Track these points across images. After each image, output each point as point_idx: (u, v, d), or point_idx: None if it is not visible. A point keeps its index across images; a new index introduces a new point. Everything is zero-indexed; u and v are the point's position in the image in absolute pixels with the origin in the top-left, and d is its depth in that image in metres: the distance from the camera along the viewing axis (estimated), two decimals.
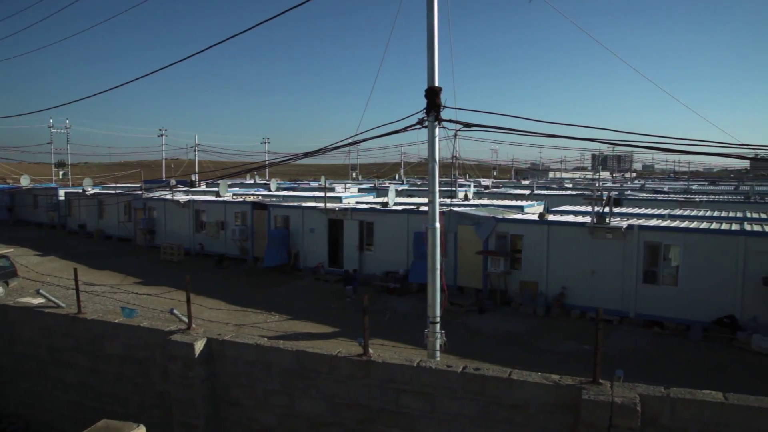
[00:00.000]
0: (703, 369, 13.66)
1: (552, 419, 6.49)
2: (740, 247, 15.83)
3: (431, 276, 10.16)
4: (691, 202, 31.14)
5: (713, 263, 16.12)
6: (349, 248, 23.37)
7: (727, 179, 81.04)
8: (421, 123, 10.13)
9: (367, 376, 7.47)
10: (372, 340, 7.96)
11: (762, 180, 75.76)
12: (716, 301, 15.95)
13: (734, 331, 15.37)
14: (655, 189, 47.98)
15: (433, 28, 9.88)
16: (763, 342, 14.62)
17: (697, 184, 61.75)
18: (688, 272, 16.51)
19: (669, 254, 17.09)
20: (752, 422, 5.71)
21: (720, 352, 14.79)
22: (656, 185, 58.02)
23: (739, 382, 12.42)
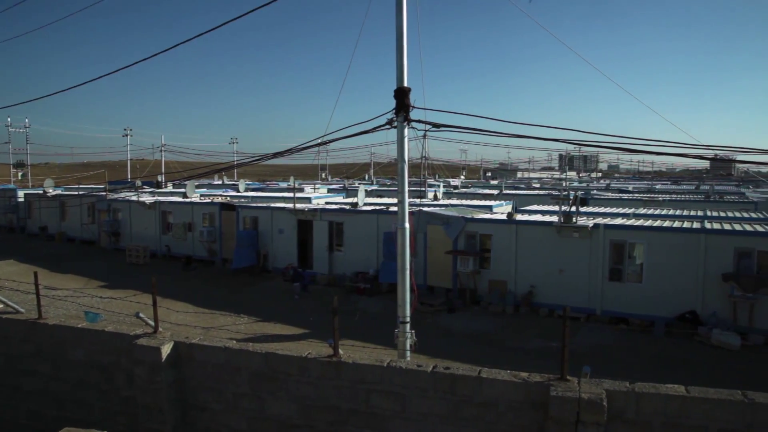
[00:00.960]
0: (666, 363, 13.99)
1: (521, 416, 6.55)
2: (701, 245, 16.27)
3: (401, 276, 10.17)
4: (655, 201, 31.87)
5: (675, 261, 16.54)
6: (318, 249, 23.26)
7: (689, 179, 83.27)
8: (391, 123, 10.13)
9: (338, 377, 7.43)
10: (342, 341, 7.93)
11: (721, 180, 78.11)
12: (679, 298, 16.36)
13: (696, 327, 15.80)
14: (620, 188, 48.98)
15: (402, 28, 9.90)
16: (723, 336, 15.06)
17: (660, 183, 63.31)
18: (652, 270, 16.90)
19: (633, 252, 17.47)
20: (712, 413, 5.87)
21: (682, 346, 15.18)
22: (621, 185, 59.22)
23: (700, 375, 12.78)
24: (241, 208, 25.91)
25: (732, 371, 13.45)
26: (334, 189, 45.70)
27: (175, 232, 28.36)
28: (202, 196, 32.95)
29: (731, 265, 15.85)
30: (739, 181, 69.22)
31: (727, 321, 15.71)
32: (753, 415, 5.77)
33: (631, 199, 34.28)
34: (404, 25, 9.91)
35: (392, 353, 10.67)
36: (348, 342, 13.11)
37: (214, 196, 34.02)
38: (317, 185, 49.22)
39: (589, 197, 33.43)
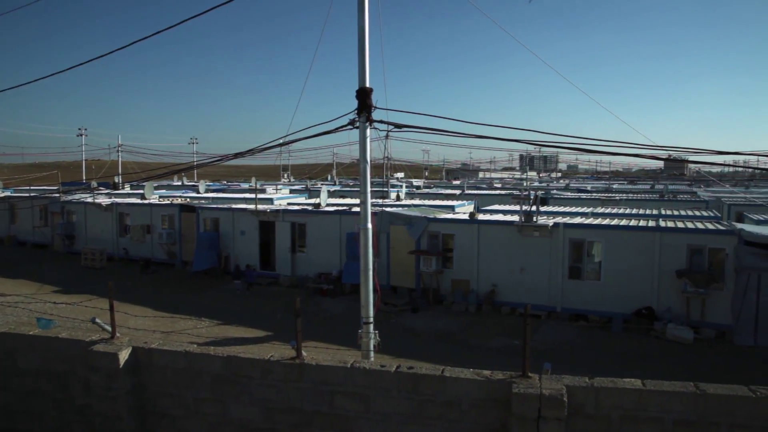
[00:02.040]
0: (624, 358, 14.35)
1: (484, 414, 6.61)
2: (656, 243, 16.75)
3: (364, 276, 10.15)
4: (612, 200, 32.64)
5: (632, 258, 16.98)
6: (281, 250, 23.05)
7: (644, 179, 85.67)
8: (353, 124, 10.10)
9: (301, 380, 7.37)
10: (305, 343, 7.86)
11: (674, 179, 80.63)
12: (635, 294, 16.81)
13: (652, 322, 16.26)
14: (579, 188, 50.00)
15: (364, 28, 9.88)
16: (677, 331, 15.54)
17: (617, 183, 64.87)
18: (610, 267, 17.32)
19: (592, 250, 17.87)
20: (667, 405, 6.05)
21: (639, 341, 15.60)
22: (580, 185, 60.49)
23: (656, 368, 13.14)
24: (202, 209, 25.48)
25: (686, 364, 13.88)
26: (296, 190, 45.35)
27: (133, 235, 27.69)
28: (161, 198, 32.26)
29: (684, 262, 16.37)
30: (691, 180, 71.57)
31: (681, 316, 16.22)
32: (704, 405, 5.97)
33: (589, 198, 35.02)
34: (366, 25, 9.89)
35: (356, 354, 10.64)
36: (311, 343, 13.01)
37: (174, 197, 33.36)
38: (279, 186, 48.74)
39: (549, 197, 34.17)
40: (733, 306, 15.70)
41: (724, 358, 14.45)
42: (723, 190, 43.10)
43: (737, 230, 16.41)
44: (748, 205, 27.96)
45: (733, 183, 65.19)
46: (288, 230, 22.87)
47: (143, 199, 29.95)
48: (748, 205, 27.98)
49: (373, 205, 11.62)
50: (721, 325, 15.91)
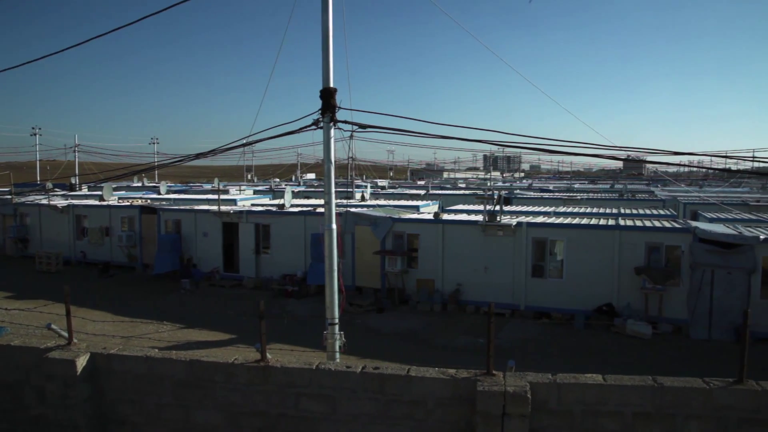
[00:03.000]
0: (586, 354, 14.64)
1: (450, 412, 6.65)
2: (615, 241, 17.14)
3: (329, 277, 10.11)
4: (574, 199, 33.29)
5: (593, 256, 17.34)
6: (244, 252, 22.76)
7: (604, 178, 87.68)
8: (317, 124, 10.04)
9: (266, 382, 7.28)
10: (270, 345, 7.78)
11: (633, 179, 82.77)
12: (596, 291, 17.16)
13: (612, 318, 16.63)
14: (542, 188, 50.90)
15: (328, 28, 9.84)
16: (636, 326, 15.94)
17: (578, 183, 66.25)
18: (572, 265, 17.64)
19: (554, 249, 18.19)
20: (627, 399, 6.20)
21: (600, 337, 15.94)
22: (542, 184, 61.55)
23: (616, 363, 13.45)
24: (163, 210, 24.97)
25: (644, 358, 14.25)
26: (260, 190, 44.89)
27: (91, 237, 26.92)
28: (121, 199, 31.50)
29: (643, 259, 16.81)
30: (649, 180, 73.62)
31: (640, 312, 16.64)
32: (662, 398, 6.14)
33: (551, 198, 35.67)
34: (330, 25, 9.85)
35: (321, 355, 10.58)
36: (276, 346, 12.85)
37: (134, 198, 32.62)
38: (243, 187, 48.17)
39: (513, 197, 34.64)
40: (688, 301, 16.19)
41: (681, 352, 14.88)
42: (679, 189, 44.47)
43: (692, 228, 16.93)
44: (702, 203, 28.89)
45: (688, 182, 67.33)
46: (252, 231, 22.60)
47: (102, 201, 29.19)
48: (702, 203, 28.91)
49: (337, 205, 11.60)
50: (678, 320, 16.39)
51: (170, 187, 46.89)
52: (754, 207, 27.68)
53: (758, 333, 15.06)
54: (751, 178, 60.70)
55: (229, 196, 32.73)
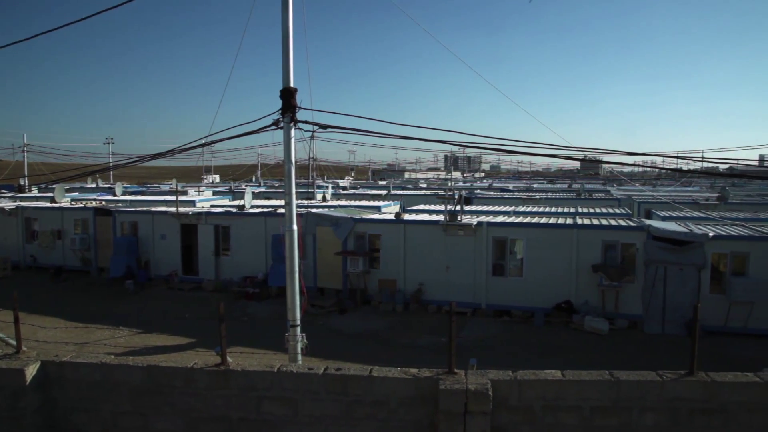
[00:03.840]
0: (546, 351, 14.91)
1: (412, 411, 6.67)
2: (573, 239, 17.52)
3: (290, 279, 10.02)
4: (533, 199, 33.85)
5: (552, 254, 17.68)
6: (204, 254, 22.36)
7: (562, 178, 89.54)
8: (277, 124, 9.94)
9: (226, 386, 7.17)
10: (231, 348, 7.67)
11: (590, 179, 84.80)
12: (555, 289, 17.50)
13: (570, 315, 16.99)
14: (502, 188, 51.56)
15: (288, 27, 9.74)
16: (594, 322, 16.32)
17: (537, 183, 67.43)
18: (531, 264, 17.94)
19: (514, 248, 18.46)
20: (585, 393, 6.34)
21: (559, 334, 16.27)
22: (502, 184, 62.38)
23: (575, 359, 13.74)
24: (119, 212, 24.32)
25: (602, 353, 14.60)
26: (220, 191, 44.18)
27: (41, 241, 25.99)
28: (74, 201, 30.54)
29: (600, 257, 17.22)
30: (605, 180, 75.47)
31: (597, 308, 17.05)
32: (618, 392, 6.31)
33: (511, 197, 36.16)
34: (290, 24, 9.76)
35: (283, 358, 10.47)
36: (237, 349, 12.73)
37: (88, 200, 31.67)
38: (202, 188, 47.35)
39: (473, 196, 35.02)
40: (643, 297, 16.68)
41: (636, 347, 15.30)
42: (633, 188, 45.71)
43: (646, 227, 17.44)
44: (656, 202, 29.81)
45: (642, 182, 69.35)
46: (211, 233, 22.23)
47: (53, 203, 28.23)
48: (655, 202, 29.83)
49: (298, 206, 11.51)
50: (633, 316, 16.85)
51: (126, 189, 45.69)
52: (704, 205, 28.72)
53: (708, 327, 15.65)
54: (701, 178, 62.94)
55: (187, 198, 32.10)
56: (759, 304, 15.78)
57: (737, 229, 17.94)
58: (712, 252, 16.38)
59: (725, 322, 16.06)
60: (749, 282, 15.75)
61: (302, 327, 10.21)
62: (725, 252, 16.42)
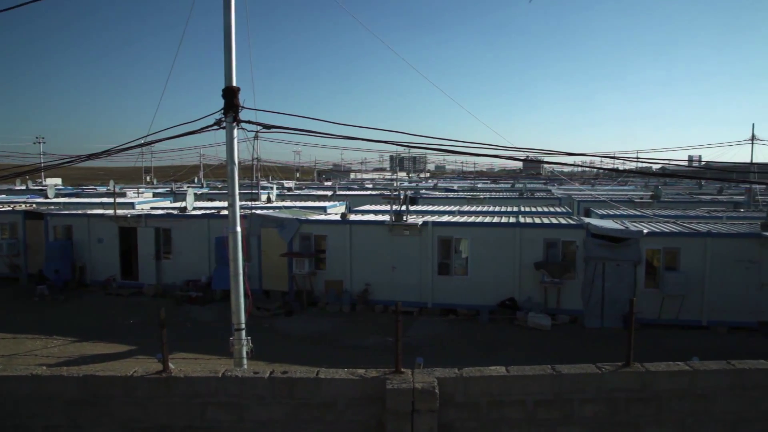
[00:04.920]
0: (491, 347, 15.19)
1: (360, 412, 6.65)
2: (516, 238, 17.93)
3: (234, 281, 9.81)
4: (477, 199, 34.45)
5: (496, 253, 18.03)
6: (144, 258, 21.66)
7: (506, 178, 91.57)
8: (219, 124, 9.72)
9: (169, 394, 6.94)
10: (174, 355, 7.45)
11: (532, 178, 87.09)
12: (500, 287, 17.86)
13: (514, 312, 17.38)
14: (447, 188, 52.27)
15: (230, 25, 9.54)
16: (536, 318, 16.74)
17: (481, 182, 68.69)
18: (476, 262, 18.25)
19: (459, 247, 18.73)
20: (528, 388, 6.48)
21: (504, 331, 16.61)
22: (447, 184, 63.24)
23: (519, 355, 14.06)
24: (51, 216, 23.24)
25: (545, 348, 14.99)
26: (160, 193, 42.93)
27: None
28: (1, 204, 28.99)
29: (542, 254, 17.68)
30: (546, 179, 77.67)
31: (540, 304, 17.51)
32: (560, 385, 6.48)
33: (456, 197, 36.71)
34: (232, 21, 9.56)
35: (228, 362, 10.27)
36: (180, 355, 12.41)
37: (17, 203, 30.12)
38: (141, 189, 45.86)
39: (419, 196, 35.34)
40: (583, 293, 17.24)
41: (577, 341, 15.80)
42: (573, 188, 47.22)
43: (585, 224, 18.05)
44: (594, 201, 30.88)
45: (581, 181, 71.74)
46: (152, 236, 21.56)
47: None
48: (594, 201, 30.90)
49: (243, 207, 11.31)
50: (574, 311, 17.39)
51: (59, 191, 43.77)
52: (639, 204, 29.99)
53: (643, 319, 16.33)
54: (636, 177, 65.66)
55: (126, 200, 31.05)
56: (689, 297, 16.60)
57: (669, 225, 18.81)
58: (647, 248, 17.10)
59: (659, 314, 16.80)
60: (680, 276, 16.52)
61: (247, 330, 10.03)
62: (658, 248, 17.17)
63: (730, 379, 6.57)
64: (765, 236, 16.50)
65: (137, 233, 21.79)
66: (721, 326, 16.48)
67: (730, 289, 16.48)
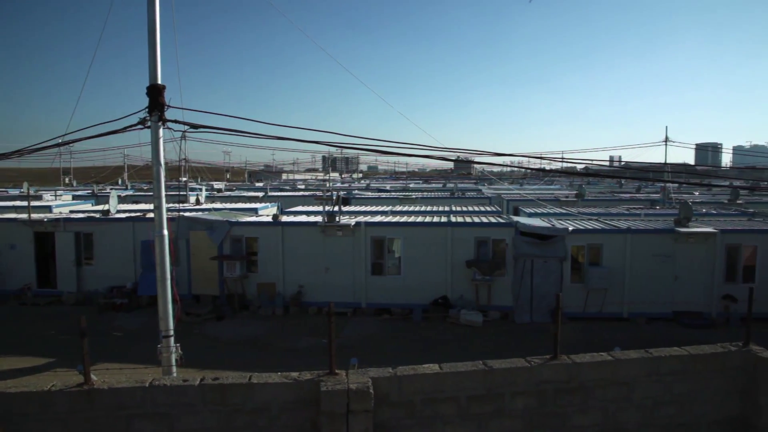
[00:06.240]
0: (425, 346, 15.36)
1: (295, 416, 6.56)
2: (448, 237, 18.23)
3: (161, 287, 9.47)
4: (409, 199, 34.79)
5: (428, 252, 18.27)
6: (63, 264, 20.53)
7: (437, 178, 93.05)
8: (144, 123, 9.36)
9: (91, 408, 6.59)
10: (97, 366, 7.11)
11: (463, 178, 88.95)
12: (433, 285, 18.11)
13: (447, 309, 17.67)
14: (379, 188, 52.50)
15: (155, 20, 9.20)
16: (468, 316, 17.09)
17: (413, 182, 69.46)
18: (409, 262, 18.42)
19: (392, 247, 18.85)
20: (461, 384, 6.60)
21: (437, 328, 16.84)
22: (380, 185, 63.56)
23: (452, 352, 14.29)
24: None
25: (477, 345, 15.31)
26: (81, 195, 40.88)
27: None
28: None
29: (473, 253, 18.06)
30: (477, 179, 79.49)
31: (472, 302, 17.88)
32: (492, 380, 6.63)
33: (389, 197, 36.93)
34: (157, 16, 9.22)
35: (157, 371, 9.89)
36: (104, 365, 11.87)
37: None
38: (59, 192, 43.51)
39: (351, 197, 35.31)
40: (512, 289, 17.74)
41: (508, 336, 16.24)
42: (502, 187, 48.53)
43: (514, 223, 18.59)
44: (522, 200, 31.85)
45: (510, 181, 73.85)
46: (71, 241, 20.47)
47: None
48: (522, 200, 31.86)
49: (170, 210, 10.92)
50: (505, 307, 17.87)
51: None
52: (564, 202, 31.18)
53: (570, 313, 17.01)
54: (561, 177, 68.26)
55: (42, 203, 29.36)
56: (612, 291, 17.42)
57: (593, 223, 19.68)
58: (572, 245, 17.80)
59: (584, 308, 17.53)
60: (603, 271, 17.31)
61: (177, 337, 9.70)
62: (583, 244, 17.91)
63: (648, 366, 6.94)
64: (678, 232, 17.54)
65: (55, 238, 20.64)
66: (640, 317, 17.39)
67: (648, 282, 17.42)
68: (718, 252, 17.50)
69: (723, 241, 17.52)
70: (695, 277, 17.52)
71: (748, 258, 17.60)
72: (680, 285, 17.48)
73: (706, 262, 17.56)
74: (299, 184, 74.48)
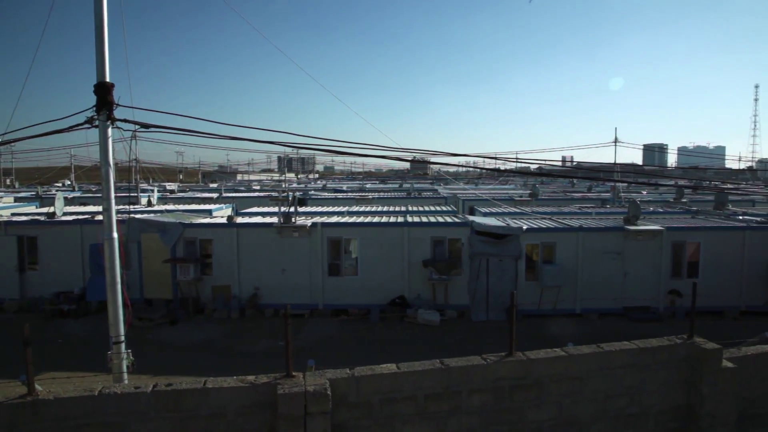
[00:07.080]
0: (382, 346, 15.39)
1: (251, 420, 6.46)
2: (404, 237, 18.31)
3: (111, 291, 9.18)
4: (366, 199, 34.81)
5: (385, 252, 18.31)
6: (5, 270, 19.64)
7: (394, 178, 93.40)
8: (91, 122, 9.05)
9: (36, 420, 6.33)
10: (42, 375, 6.85)
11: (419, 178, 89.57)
12: (390, 285, 18.15)
13: (405, 309, 17.74)
14: (336, 188, 52.35)
15: (102, 14, 8.90)
16: (426, 315, 17.21)
17: (370, 183, 69.55)
18: (366, 262, 18.42)
19: (349, 247, 18.81)
20: (419, 383, 6.63)
21: (395, 328, 16.89)
22: (336, 185, 63.37)
23: (410, 351, 14.27)
24: None
25: (434, 343, 15.44)
26: (24, 197, 39.30)
27: None
28: None
29: (429, 252, 18.19)
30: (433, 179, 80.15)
31: (429, 301, 18.01)
32: (449, 378, 6.69)
33: (345, 198, 36.85)
34: (104, 12, 8.93)
35: (107, 379, 9.58)
36: (50, 374, 11.40)
37: None
38: (0, 194, 41.75)
39: (308, 197, 35.11)
40: (469, 288, 17.95)
41: (465, 335, 16.42)
42: (458, 187, 49.07)
43: (469, 222, 18.82)
44: (478, 199, 32.30)
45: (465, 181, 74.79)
46: (13, 245, 19.63)
47: None
48: (477, 199, 32.31)
49: (120, 212, 10.62)
50: (462, 306, 18.07)
51: None
52: (519, 201, 31.77)
53: (524, 310, 17.33)
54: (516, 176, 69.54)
55: None
56: (565, 288, 17.84)
57: (546, 222, 20.10)
58: (526, 243, 18.14)
59: (539, 305, 17.89)
60: (557, 269, 17.70)
61: (128, 343, 9.43)
62: (537, 243, 18.28)
63: (600, 360, 7.14)
64: (627, 229, 18.11)
65: None
66: (593, 313, 17.87)
67: (599, 278, 17.92)
68: (665, 249, 18.15)
69: (669, 239, 18.18)
70: (643, 273, 18.12)
71: (692, 254, 18.32)
72: (630, 281, 18.05)
73: (653, 259, 18.18)
74: (254, 184, 73.50)
